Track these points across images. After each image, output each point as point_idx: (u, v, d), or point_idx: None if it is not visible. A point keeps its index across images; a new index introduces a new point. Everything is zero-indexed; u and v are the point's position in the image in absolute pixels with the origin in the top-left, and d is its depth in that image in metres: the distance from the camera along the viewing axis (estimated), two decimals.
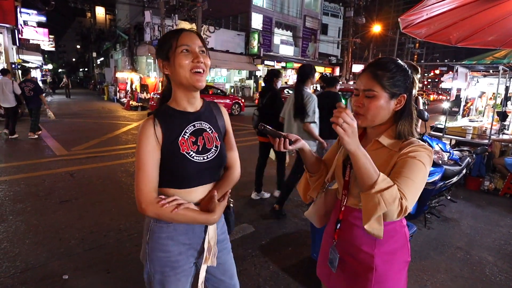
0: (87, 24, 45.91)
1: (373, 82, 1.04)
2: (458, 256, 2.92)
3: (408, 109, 1.07)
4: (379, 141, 1.08)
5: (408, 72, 1.07)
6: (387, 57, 1.09)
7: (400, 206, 0.90)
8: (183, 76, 1.05)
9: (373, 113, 1.05)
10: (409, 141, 1.05)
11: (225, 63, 20.84)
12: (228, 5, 22.87)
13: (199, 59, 1.05)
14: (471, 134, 5.17)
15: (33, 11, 16.67)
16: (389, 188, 0.89)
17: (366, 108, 1.05)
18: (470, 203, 4.30)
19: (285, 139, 1.08)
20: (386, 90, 1.03)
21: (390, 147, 1.06)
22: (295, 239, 3.09)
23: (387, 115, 1.07)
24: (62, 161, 5.56)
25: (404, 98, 1.06)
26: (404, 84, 1.05)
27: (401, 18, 2.70)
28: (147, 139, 1.04)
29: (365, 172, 0.88)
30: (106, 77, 28.65)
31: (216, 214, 1.11)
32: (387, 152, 1.06)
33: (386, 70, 1.04)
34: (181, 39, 1.05)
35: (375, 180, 0.88)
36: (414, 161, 0.97)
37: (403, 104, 1.06)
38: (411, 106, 1.08)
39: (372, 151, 1.07)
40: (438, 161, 3.30)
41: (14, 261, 2.53)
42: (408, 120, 1.07)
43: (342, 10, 30.06)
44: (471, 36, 3.22)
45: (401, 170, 0.97)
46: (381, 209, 0.88)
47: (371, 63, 1.09)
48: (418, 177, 0.96)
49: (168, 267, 1.14)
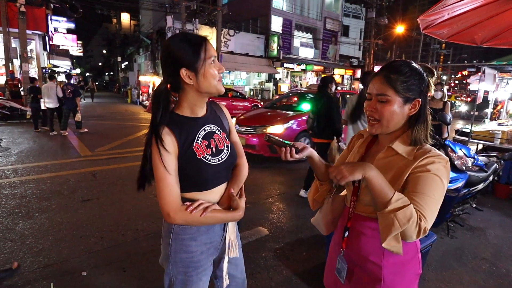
0: (112, 30, 47.61)
1: (386, 86, 1.00)
2: (483, 268, 2.77)
3: (423, 114, 1.03)
4: (392, 148, 1.04)
5: (423, 76, 1.02)
6: (401, 60, 1.06)
7: (419, 227, 0.88)
8: (213, 85, 1.09)
9: (387, 118, 1.01)
10: (423, 150, 1.00)
11: (245, 66, 20.98)
12: (248, 8, 23.04)
13: (223, 69, 1.13)
14: (499, 139, 4.91)
15: (63, 18, 17.52)
16: (403, 207, 0.87)
17: (380, 113, 1.02)
18: (498, 211, 4.08)
19: (291, 148, 1.07)
20: (400, 94, 0.99)
21: (405, 154, 1.01)
22: (310, 244, 3.05)
23: (402, 120, 1.03)
24: (86, 162, 5.78)
25: (419, 102, 1.01)
26: (419, 88, 1.01)
27: (421, 18, 2.61)
28: (164, 150, 1.05)
29: (379, 191, 0.89)
30: (129, 81, 29.61)
31: (241, 210, 1.15)
32: (401, 160, 1.02)
33: (399, 73, 1.00)
34: (209, 51, 1.07)
35: (389, 199, 0.87)
36: (430, 176, 0.93)
37: (417, 108, 1.02)
38: (427, 110, 1.04)
39: (385, 159, 1.05)
40: (462, 167, 3.16)
41: (37, 257, 2.65)
42: (423, 125, 1.03)
43: (363, 11, 29.52)
44: (498, 36, 3.07)
45: (417, 187, 0.93)
46: (395, 229, 0.88)
47: (384, 66, 1.06)
48: (435, 193, 0.93)
49: (191, 268, 1.16)
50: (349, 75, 29.24)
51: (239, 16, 21.23)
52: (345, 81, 29.05)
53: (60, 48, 19.23)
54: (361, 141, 1.21)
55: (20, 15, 11.58)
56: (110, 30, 49.69)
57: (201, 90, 1.09)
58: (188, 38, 1.07)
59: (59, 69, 20.01)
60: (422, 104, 1.02)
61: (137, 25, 39.92)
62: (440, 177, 0.94)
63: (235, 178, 1.25)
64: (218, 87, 1.11)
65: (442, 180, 0.94)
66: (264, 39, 22.59)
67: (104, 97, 26.81)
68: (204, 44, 1.06)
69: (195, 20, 17.20)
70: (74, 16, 16.08)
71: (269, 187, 4.66)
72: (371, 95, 1.05)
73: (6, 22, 12.15)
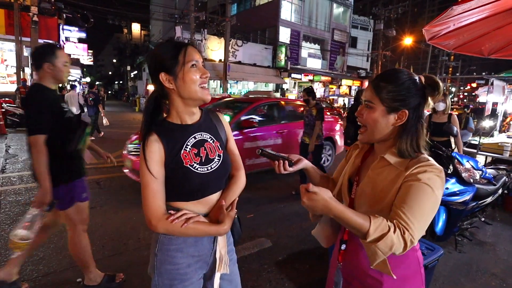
0: (123, 40, 48.65)
1: (373, 93, 1.01)
2: (492, 284, 2.67)
3: (410, 126, 1.00)
4: (385, 158, 1.02)
5: (416, 87, 0.99)
6: (397, 69, 1.04)
7: (404, 241, 0.85)
8: (193, 91, 1.06)
9: (370, 125, 1.02)
10: (417, 159, 0.97)
11: (252, 76, 21.15)
12: (257, 19, 23.35)
13: (207, 74, 1.09)
14: (509, 152, 4.80)
15: (74, 28, 17.95)
16: (383, 237, 0.84)
17: (365, 119, 1.03)
18: (508, 225, 3.96)
19: (284, 161, 1.05)
20: (384, 103, 0.99)
21: (397, 165, 0.99)
22: (314, 256, 2.98)
23: (385, 130, 1.01)
24: (91, 170, 5.81)
25: (405, 114, 0.99)
26: (407, 99, 0.98)
27: (425, 29, 2.59)
28: (150, 156, 1.05)
29: (353, 225, 0.86)
30: (138, 90, 30.05)
31: (226, 224, 1.10)
32: (393, 170, 0.99)
33: (389, 82, 0.99)
34: (189, 55, 1.05)
35: (367, 230, 0.84)
36: (421, 186, 0.90)
37: (404, 120, 1.00)
38: (418, 123, 1.01)
39: (378, 169, 1.03)
40: (469, 180, 3.08)
41: (37, 265, 2.64)
42: (409, 138, 1.00)
43: (371, 23, 29.69)
44: (506, 47, 3.03)
45: (405, 198, 0.91)
46: (379, 257, 0.86)
47: (378, 74, 1.06)
48: (425, 204, 0.90)
49: (177, 280, 1.13)
50: (357, 86, 29.22)
51: (247, 26, 21.52)
52: (353, 92, 29.03)
53: (71, 57, 19.67)
54: (357, 151, 1.20)
55: (32, 25, 11.92)
56: (121, 40, 50.82)
57: (182, 96, 1.08)
58: (169, 44, 1.08)
59: (70, 77, 20.43)
60: (409, 116, 0.99)
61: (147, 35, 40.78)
62: (431, 187, 0.91)
63: (228, 189, 1.22)
64: (200, 94, 1.08)
65: (434, 189, 0.91)
66: (272, 49, 22.80)
67: (112, 106, 27.20)
68: (184, 48, 1.06)
69: (204, 30, 17.48)
70: (86, 26, 16.47)
71: (274, 197, 4.60)
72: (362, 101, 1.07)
73: (19, 31, 12.50)
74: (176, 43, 1.08)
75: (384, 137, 1.03)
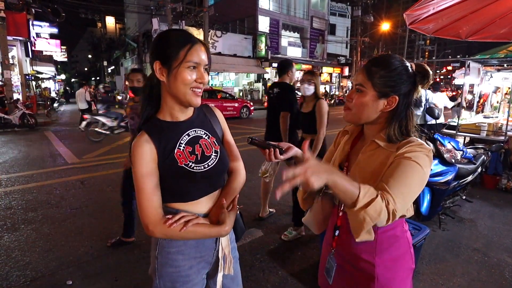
0: (98, 34, 46.91)
1: (365, 78, 1.00)
2: (475, 259, 2.80)
3: (399, 112, 1.01)
4: (375, 141, 1.03)
5: (408, 74, 1.00)
6: (390, 55, 1.04)
7: (387, 212, 0.85)
8: (181, 92, 0.99)
9: (357, 108, 1.02)
10: (407, 141, 0.99)
11: (233, 67, 20.95)
12: (235, 9, 23.01)
13: (204, 79, 1.01)
14: (486, 131, 4.99)
15: (45, 23, 17.16)
16: (372, 202, 0.83)
17: (353, 103, 1.03)
18: (487, 202, 4.14)
19: (275, 150, 1.03)
20: (375, 88, 0.99)
21: (387, 147, 1.00)
22: (305, 243, 3.03)
23: (373, 114, 1.02)
24: (73, 169, 5.65)
25: (395, 100, 0.99)
26: (398, 85, 0.99)
27: (406, 13, 2.62)
28: (142, 158, 0.99)
29: (345, 192, 0.83)
30: (117, 85, 29.19)
31: (228, 225, 1.05)
32: (384, 152, 1.01)
33: (381, 67, 0.99)
34: (192, 55, 0.97)
35: (356, 197, 0.83)
36: (409, 162, 0.92)
37: (394, 106, 1.00)
38: (407, 109, 1.02)
39: (369, 152, 1.04)
40: (451, 160, 3.19)
41: (24, 270, 2.55)
42: (397, 123, 1.01)
43: (349, 10, 29.83)
44: (482, 30, 3.11)
45: (392, 172, 0.92)
46: (367, 224, 0.85)
47: (371, 58, 1.05)
48: (412, 179, 0.90)
49: (178, 282, 1.09)
50: (337, 73, 29.49)
51: (226, 17, 21.18)
52: (334, 79, 29.28)
53: (43, 54, 18.85)
54: (347, 138, 1.19)
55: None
56: (95, 34, 48.98)
57: (171, 92, 1.02)
58: (179, 34, 1.00)
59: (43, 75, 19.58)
60: (399, 102, 1.00)
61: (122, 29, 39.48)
62: (420, 164, 0.92)
63: (228, 186, 1.16)
64: (188, 97, 1.00)
65: (422, 167, 0.92)
66: (252, 39, 22.61)
67: None
68: (189, 44, 0.98)
69: (182, 22, 17.08)
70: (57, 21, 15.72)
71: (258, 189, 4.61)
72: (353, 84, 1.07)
73: None
74: (186, 36, 1.00)
75: (371, 121, 1.04)
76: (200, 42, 1.02)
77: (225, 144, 1.21)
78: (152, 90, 1.06)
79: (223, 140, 1.21)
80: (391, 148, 0.99)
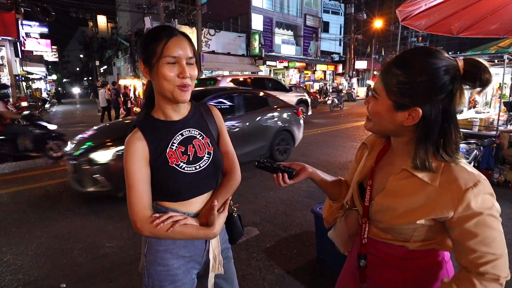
0: (89, 33, 46.41)
1: (381, 81, 0.80)
2: None
3: (430, 129, 0.76)
4: (407, 170, 0.82)
5: (443, 78, 0.72)
6: (426, 49, 0.77)
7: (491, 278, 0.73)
8: (166, 89, 0.96)
9: (374, 117, 0.85)
10: (449, 171, 0.77)
11: (227, 65, 20.85)
12: (228, 7, 22.90)
13: (186, 74, 0.95)
14: (477, 126, 5.05)
15: (35, 23, 16.89)
16: None
17: (369, 110, 0.86)
18: None
19: (283, 174, 0.96)
20: (390, 97, 0.78)
21: (426, 179, 0.78)
22: (301, 240, 3.03)
23: (391, 126, 0.81)
24: (63, 172, 5.57)
25: (418, 113, 0.75)
26: (423, 94, 0.74)
27: (399, 9, 2.63)
28: (134, 155, 0.98)
29: None
30: None
31: (216, 228, 1.02)
32: (419, 183, 0.79)
33: (401, 69, 0.75)
34: (168, 49, 0.93)
35: None
36: (483, 221, 0.73)
37: (416, 120, 0.76)
38: (444, 123, 0.76)
39: (398, 181, 0.84)
40: None
41: (16, 274, 2.52)
42: (429, 145, 0.77)
43: (342, 7, 29.91)
44: (473, 26, 3.13)
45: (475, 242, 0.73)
46: None
47: (398, 55, 0.80)
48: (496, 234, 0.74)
49: (167, 281, 1.08)
50: (331, 71, 29.56)
51: (219, 15, 21.05)
52: (328, 76, 29.37)
53: (33, 54, 18.58)
54: (368, 153, 1.00)
55: None
56: (87, 34, 48.45)
57: (157, 90, 1.00)
58: (156, 30, 0.97)
59: (34, 76, 19.31)
60: (427, 116, 0.75)
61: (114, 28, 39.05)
62: (494, 216, 0.74)
63: (221, 188, 1.14)
64: (174, 94, 0.96)
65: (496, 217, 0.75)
66: (246, 37, 22.52)
67: (83, 103, 26.10)
68: (166, 39, 0.93)
69: (174, 20, 16.95)
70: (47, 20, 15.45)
71: (256, 186, 4.61)
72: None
73: None
74: (161, 31, 0.96)
75: (394, 133, 0.86)
76: (180, 34, 0.98)
77: (221, 144, 1.19)
78: (152, 88, 1.05)
79: (219, 140, 1.18)
80: (433, 182, 0.77)
